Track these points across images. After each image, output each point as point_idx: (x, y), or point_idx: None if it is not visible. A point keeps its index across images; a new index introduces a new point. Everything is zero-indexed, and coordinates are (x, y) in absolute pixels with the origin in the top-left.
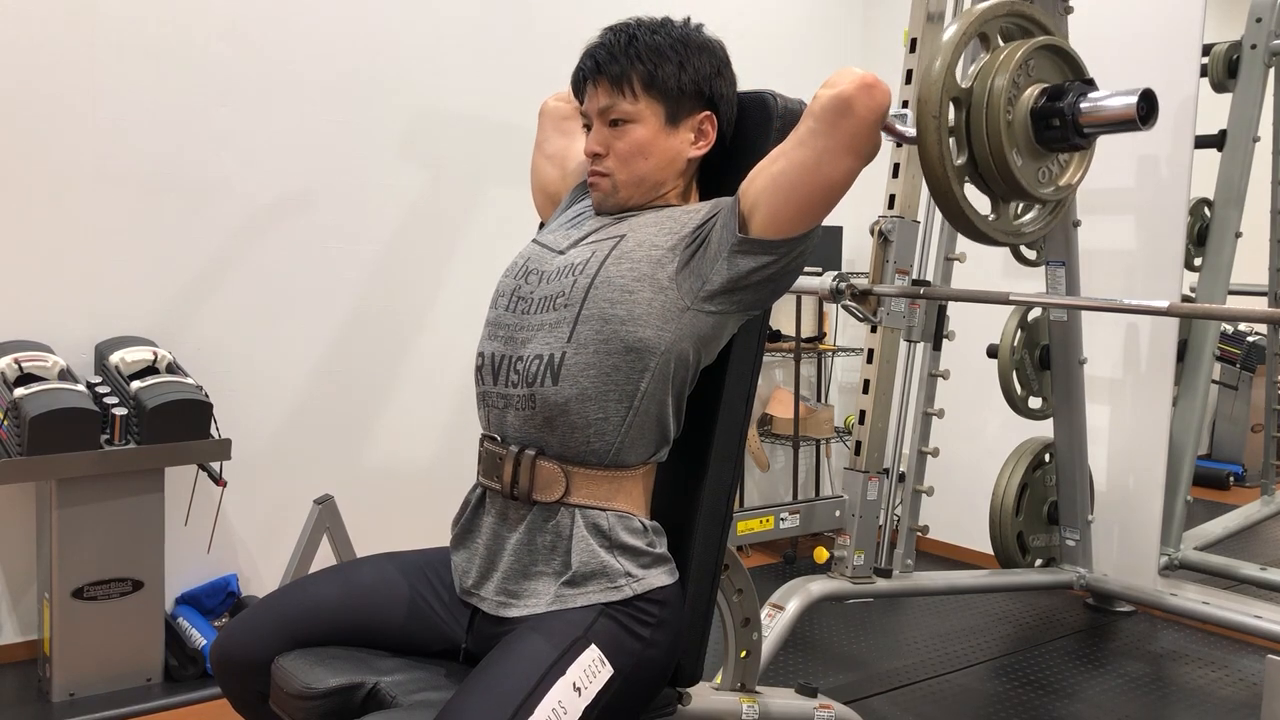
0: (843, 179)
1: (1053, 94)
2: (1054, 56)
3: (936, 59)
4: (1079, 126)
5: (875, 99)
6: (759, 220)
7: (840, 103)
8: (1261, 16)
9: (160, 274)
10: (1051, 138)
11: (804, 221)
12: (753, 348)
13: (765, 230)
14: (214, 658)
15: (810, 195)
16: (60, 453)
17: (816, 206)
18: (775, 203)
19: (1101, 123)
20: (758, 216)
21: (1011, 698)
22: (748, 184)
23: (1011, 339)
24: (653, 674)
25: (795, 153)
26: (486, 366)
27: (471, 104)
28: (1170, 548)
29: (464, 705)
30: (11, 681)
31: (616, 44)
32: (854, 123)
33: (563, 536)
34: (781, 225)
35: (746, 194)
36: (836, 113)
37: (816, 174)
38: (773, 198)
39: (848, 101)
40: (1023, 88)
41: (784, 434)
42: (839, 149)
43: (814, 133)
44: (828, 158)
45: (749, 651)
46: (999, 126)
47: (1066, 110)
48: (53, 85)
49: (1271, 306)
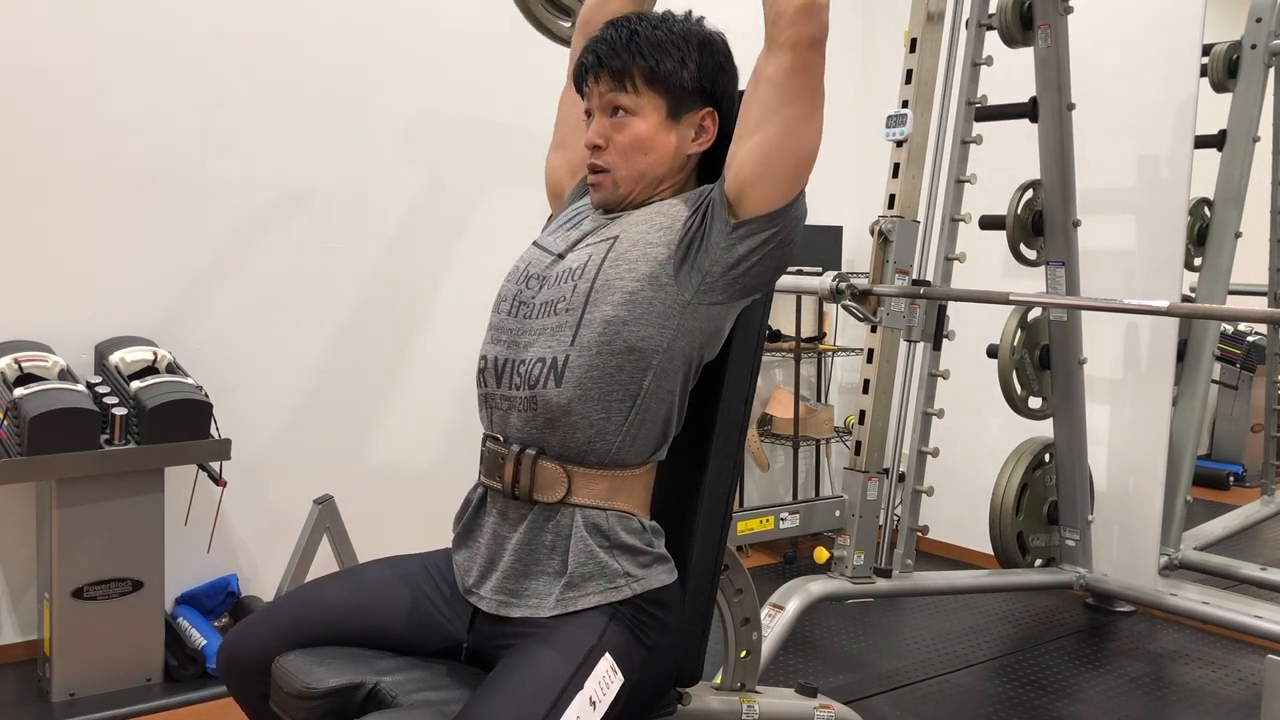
0: (818, 135)
1: None
2: None
3: None
4: None
5: (822, 45)
6: (751, 199)
7: (806, 68)
8: (1261, 16)
9: (160, 274)
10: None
11: (795, 183)
12: (752, 347)
13: (760, 205)
14: (220, 659)
15: (796, 160)
16: (60, 453)
17: (804, 167)
18: (762, 176)
19: None
20: (749, 196)
21: (1011, 698)
22: (727, 169)
23: (1011, 339)
24: (657, 679)
25: (768, 126)
26: (489, 370)
27: (471, 104)
28: (1170, 548)
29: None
30: (11, 681)
31: (618, 38)
32: (815, 77)
33: (563, 536)
34: (774, 196)
35: (729, 179)
36: (806, 74)
37: (794, 141)
38: (757, 174)
39: (811, 63)
40: None
41: (784, 434)
42: (807, 114)
43: (783, 102)
44: (799, 125)
45: (749, 651)
46: None
47: None
48: (53, 85)
49: (1271, 306)
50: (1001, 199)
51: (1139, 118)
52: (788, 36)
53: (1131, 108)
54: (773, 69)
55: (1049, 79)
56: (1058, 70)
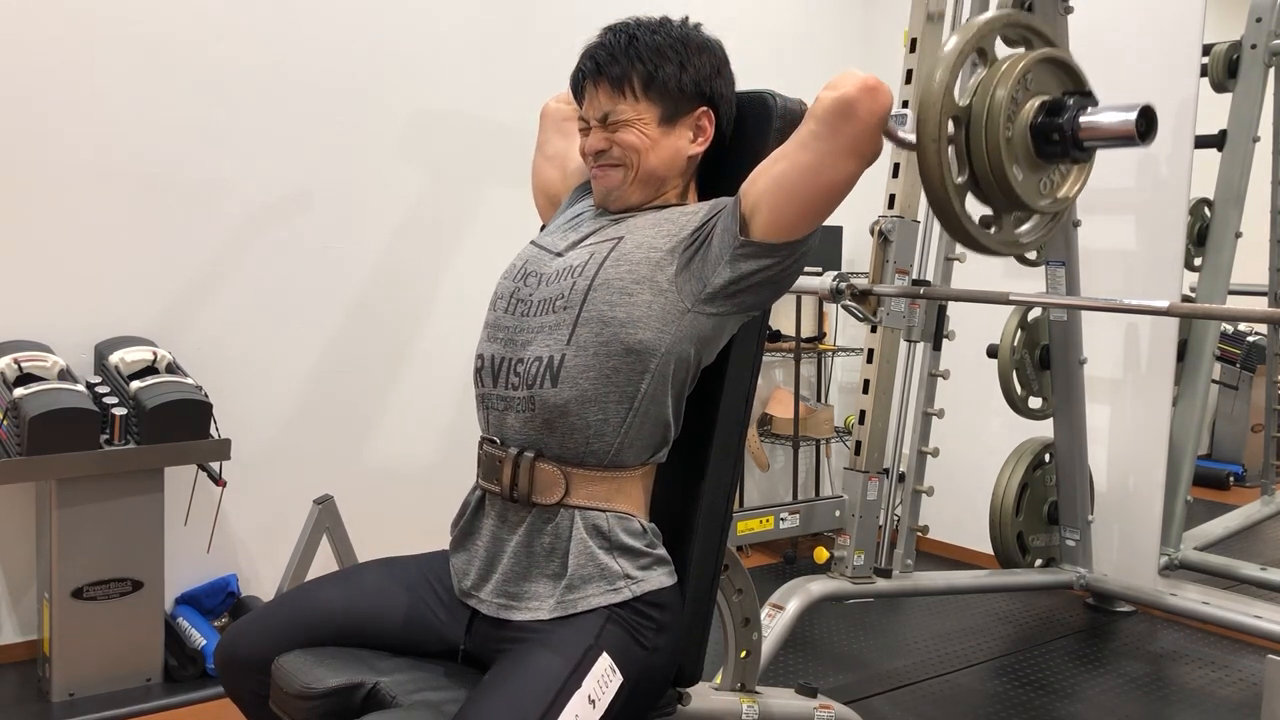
0: (844, 181)
1: (1052, 109)
2: (1054, 68)
3: (936, 72)
4: (1079, 141)
5: (878, 102)
6: (760, 223)
7: (843, 105)
8: (1261, 16)
9: (160, 274)
10: (1051, 153)
11: (806, 224)
12: (752, 348)
13: (767, 233)
14: (218, 658)
15: (812, 198)
16: (60, 453)
17: (818, 209)
18: (777, 205)
19: (1101, 137)
20: (759, 219)
21: (1011, 698)
22: (749, 185)
23: (1011, 339)
24: (656, 679)
25: (797, 155)
26: (486, 368)
27: (471, 104)
28: (1170, 548)
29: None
30: (11, 681)
31: (616, 44)
32: (856, 126)
33: (562, 539)
34: (783, 228)
35: (748, 196)
36: (839, 116)
37: (818, 177)
38: (774, 200)
39: (851, 105)
40: (1021, 103)
41: (784, 434)
42: (841, 152)
43: (816, 135)
44: (829, 161)
45: (749, 651)
46: (999, 143)
47: (1066, 126)
48: (53, 85)
49: (1271, 306)
50: None
51: None
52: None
53: None
54: (815, 106)
55: None
56: None
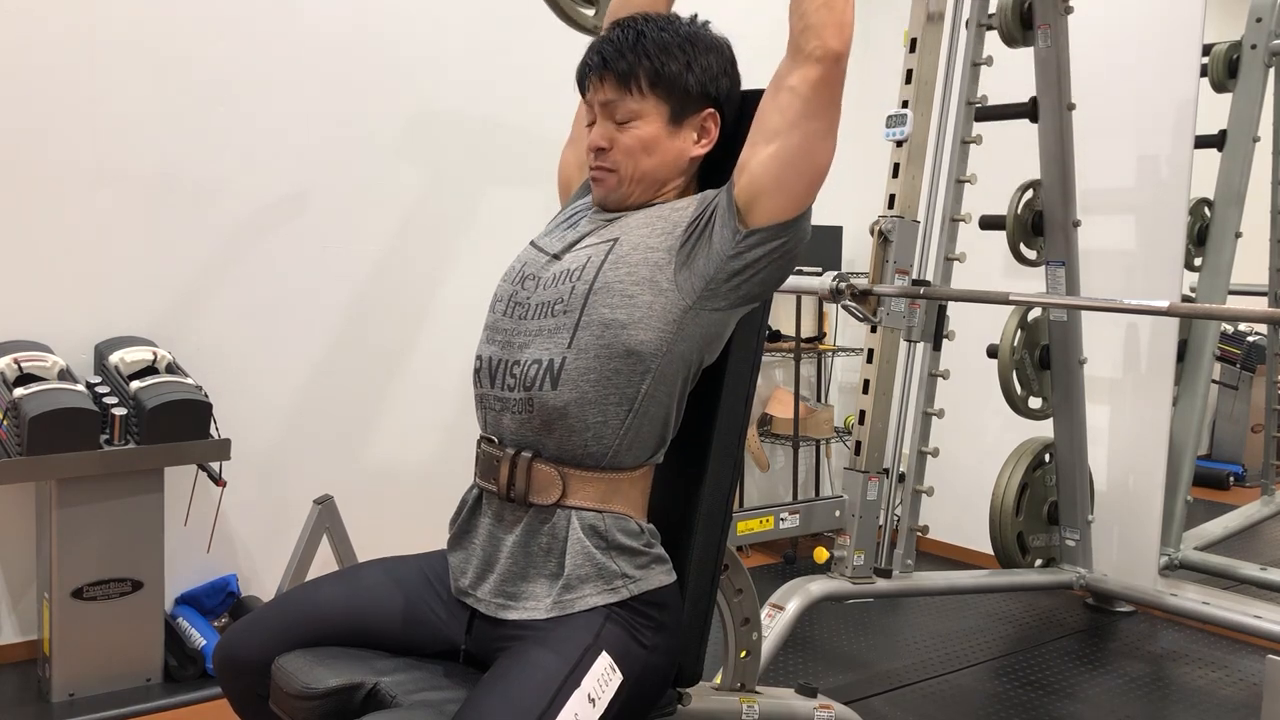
0: (833, 151)
1: None
2: None
3: None
4: None
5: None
6: (764, 208)
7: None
8: (1261, 16)
9: (160, 274)
10: None
11: (808, 197)
12: (752, 348)
13: (772, 215)
14: (217, 658)
15: (811, 174)
16: (60, 453)
17: (817, 182)
18: (778, 187)
19: None
20: (762, 205)
21: (1011, 698)
22: (739, 174)
23: (1011, 339)
24: (657, 678)
25: (787, 137)
26: (484, 370)
27: (471, 104)
28: (1170, 548)
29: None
30: (11, 681)
31: (624, 40)
32: (837, 92)
33: (559, 539)
34: (787, 207)
35: (740, 185)
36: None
37: (811, 155)
38: (773, 184)
39: (835, 78)
40: None
41: (784, 434)
42: (827, 129)
43: (805, 115)
44: (817, 140)
45: (749, 651)
46: None
47: None
48: (53, 85)
49: (1271, 306)
50: (1001, 199)
51: (1139, 118)
52: (814, 48)
53: (1131, 108)
54: (797, 80)
55: (1049, 79)
56: (1058, 70)
